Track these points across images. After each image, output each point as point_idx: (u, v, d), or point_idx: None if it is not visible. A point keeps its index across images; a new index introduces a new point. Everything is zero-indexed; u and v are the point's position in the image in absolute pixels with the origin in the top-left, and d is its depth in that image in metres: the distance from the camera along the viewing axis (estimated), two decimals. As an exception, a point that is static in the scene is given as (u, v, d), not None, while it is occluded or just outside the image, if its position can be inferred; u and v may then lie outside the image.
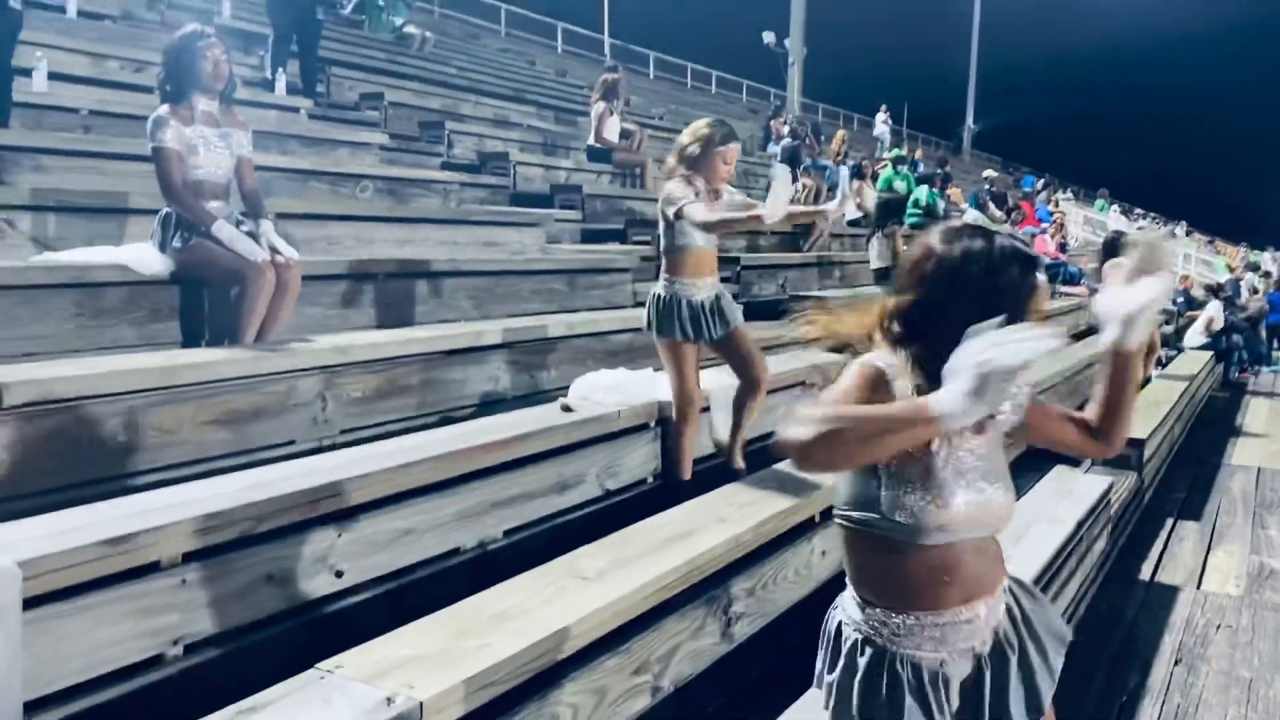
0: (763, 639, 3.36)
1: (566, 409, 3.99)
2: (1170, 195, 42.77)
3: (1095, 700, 3.77)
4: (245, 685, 2.17)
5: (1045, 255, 14.53)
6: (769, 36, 26.36)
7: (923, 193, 14.00)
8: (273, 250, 4.01)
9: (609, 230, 8.33)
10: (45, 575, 2.21)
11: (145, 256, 3.93)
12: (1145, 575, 5.22)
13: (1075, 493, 4.71)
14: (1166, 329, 12.78)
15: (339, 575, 2.88)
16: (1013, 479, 1.79)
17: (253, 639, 2.63)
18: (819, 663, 1.81)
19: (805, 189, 11.00)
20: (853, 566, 1.74)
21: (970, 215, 13.09)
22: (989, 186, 16.52)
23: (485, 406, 4.41)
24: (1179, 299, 15.96)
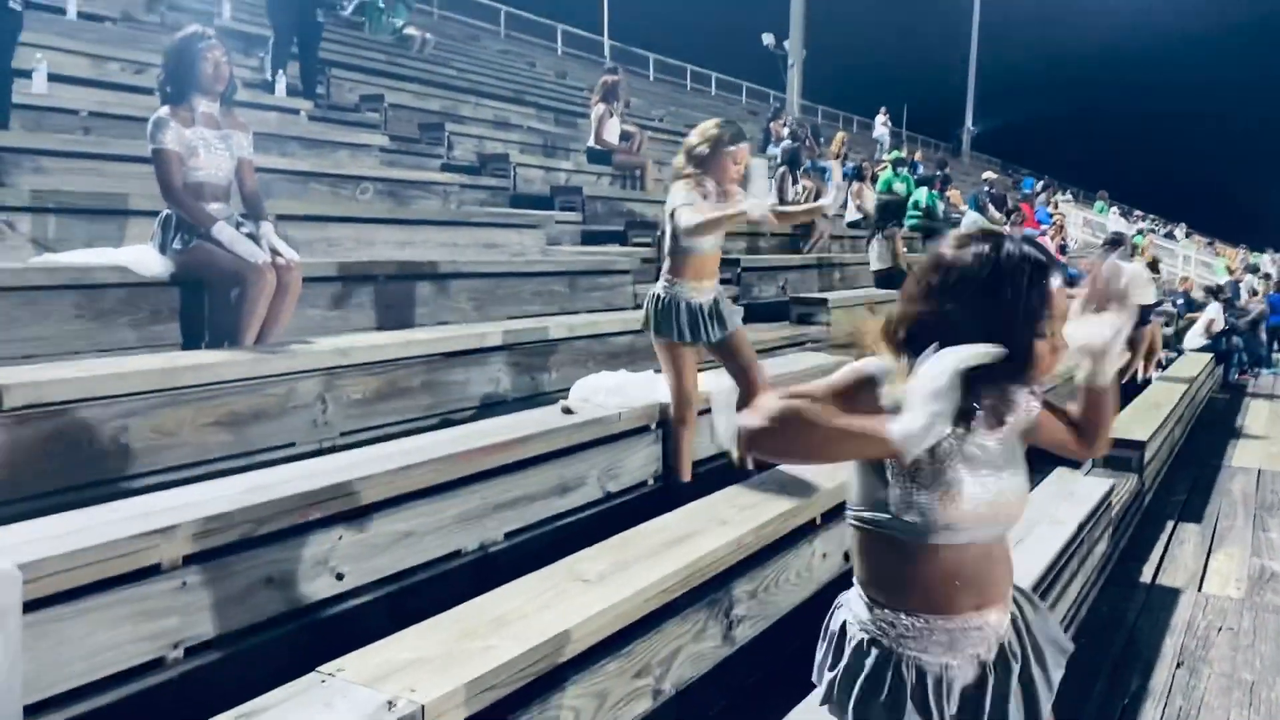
0: (764, 642, 3.35)
1: (567, 411, 3.99)
2: (1169, 197, 42.80)
3: (1097, 703, 3.77)
4: (246, 688, 2.16)
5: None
6: (768, 38, 26.35)
7: (922, 195, 14.01)
8: (273, 252, 4.00)
9: (609, 232, 8.33)
10: (45, 578, 2.20)
11: (145, 258, 3.92)
12: (1146, 578, 5.21)
13: (1076, 495, 4.71)
14: (1167, 331, 12.78)
15: (340, 578, 2.87)
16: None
17: (253, 642, 2.63)
18: (819, 656, 1.80)
19: (805, 191, 11.00)
20: (863, 566, 1.72)
21: (970, 217, 13.11)
22: (988, 188, 16.53)
23: (486, 408, 4.40)
24: (1179, 301, 15.98)
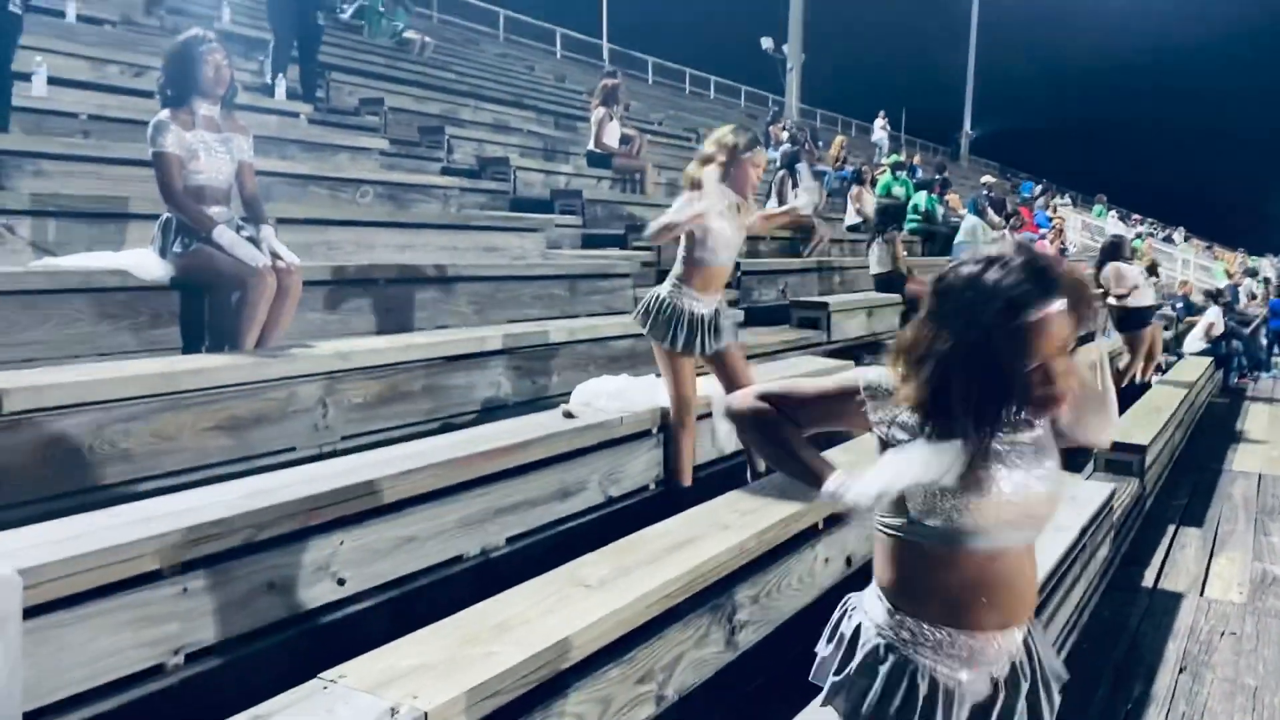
0: (766, 647, 3.34)
1: (569, 415, 3.97)
2: (1168, 200, 42.83)
3: (1100, 708, 3.76)
4: (247, 695, 2.15)
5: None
6: (767, 42, 26.39)
7: (921, 199, 14.03)
8: (273, 255, 4.00)
9: (609, 235, 8.31)
10: (45, 584, 2.19)
11: (146, 262, 3.92)
12: (1148, 582, 5.21)
13: (1078, 499, 4.70)
14: (1166, 335, 12.77)
15: (341, 583, 2.86)
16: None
17: (254, 648, 2.61)
18: (825, 656, 1.78)
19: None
20: (886, 570, 1.69)
21: (969, 221, 13.11)
22: (987, 192, 16.52)
23: (487, 413, 4.39)
24: (1178, 305, 15.98)
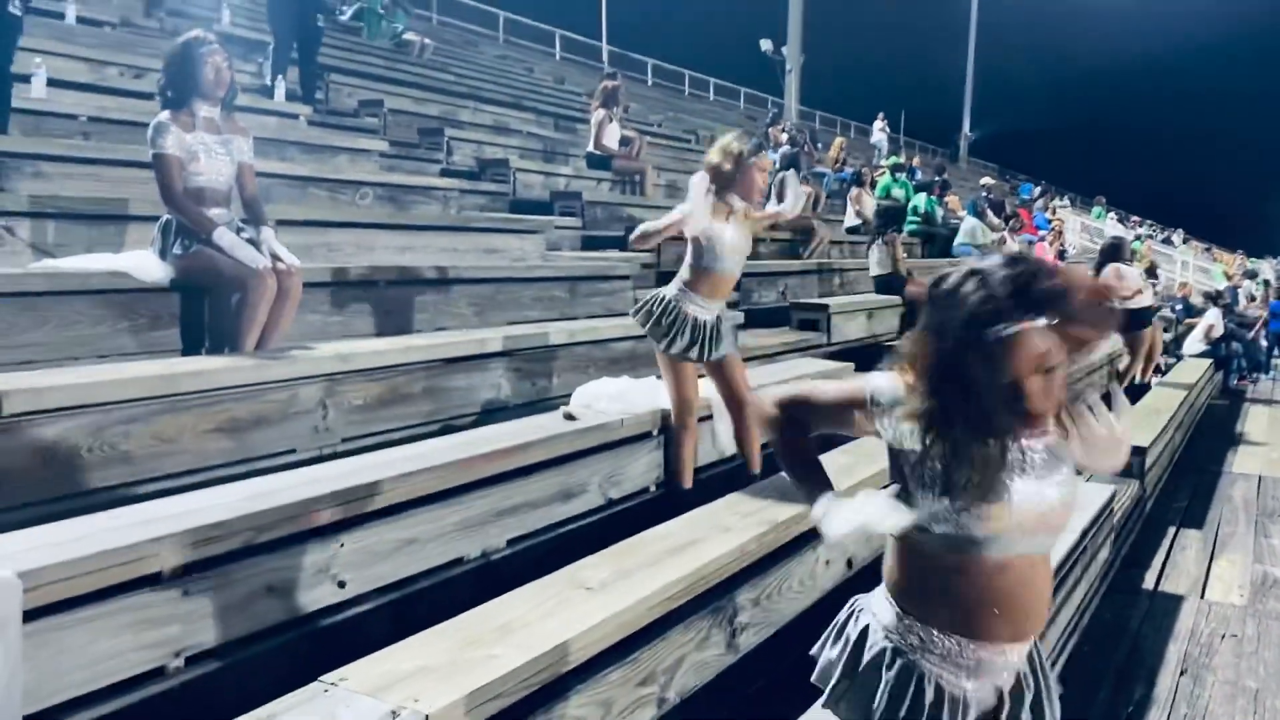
0: (767, 649, 3.34)
1: (569, 417, 3.97)
2: (1167, 202, 42.84)
3: (1101, 711, 3.76)
4: (248, 698, 2.15)
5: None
6: (766, 44, 26.39)
7: (921, 200, 14.04)
8: (274, 257, 3.99)
9: (609, 237, 8.30)
10: (45, 586, 2.18)
11: (145, 263, 3.91)
12: (1149, 584, 5.20)
13: (1078, 501, 4.69)
14: (1166, 336, 12.78)
15: (341, 586, 2.85)
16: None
17: (255, 650, 2.60)
18: (829, 657, 1.77)
19: (806, 196, 10.98)
20: (898, 574, 1.69)
21: (968, 223, 13.12)
22: (987, 194, 16.53)
23: (487, 415, 4.38)
24: (1178, 306, 15.99)
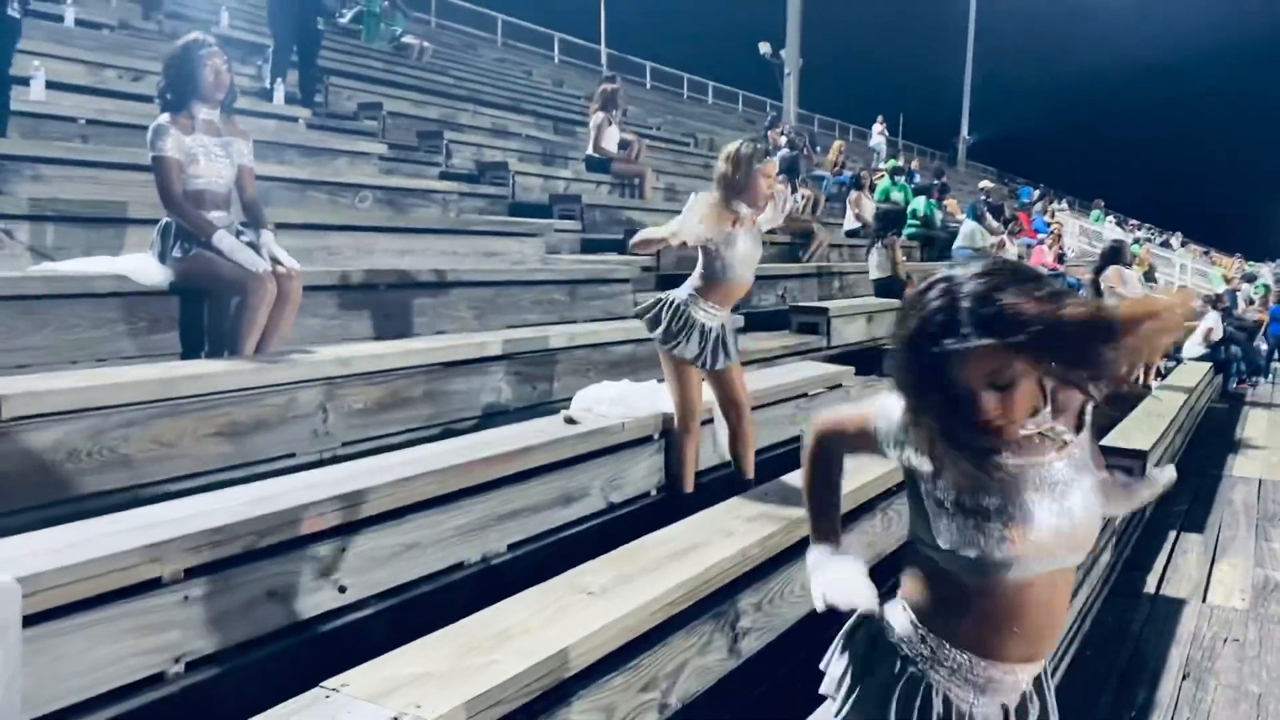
0: (770, 654, 3.33)
1: (570, 421, 3.96)
2: (1165, 206, 42.92)
3: (1103, 715, 3.73)
4: (248, 704, 2.14)
5: (1043, 266, 14.56)
6: (765, 47, 26.37)
7: (920, 203, 14.04)
8: (273, 260, 3.98)
9: (608, 240, 8.30)
10: (44, 592, 2.17)
11: (145, 267, 3.90)
12: (1150, 588, 5.18)
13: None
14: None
15: (342, 590, 2.84)
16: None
17: (255, 656, 2.59)
18: (839, 666, 1.76)
19: (805, 199, 11.00)
20: (915, 586, 1.66)
21: (968, 227, 13.12)
22: (985, 197, 16.55)
23: (487, 418, 4.37)
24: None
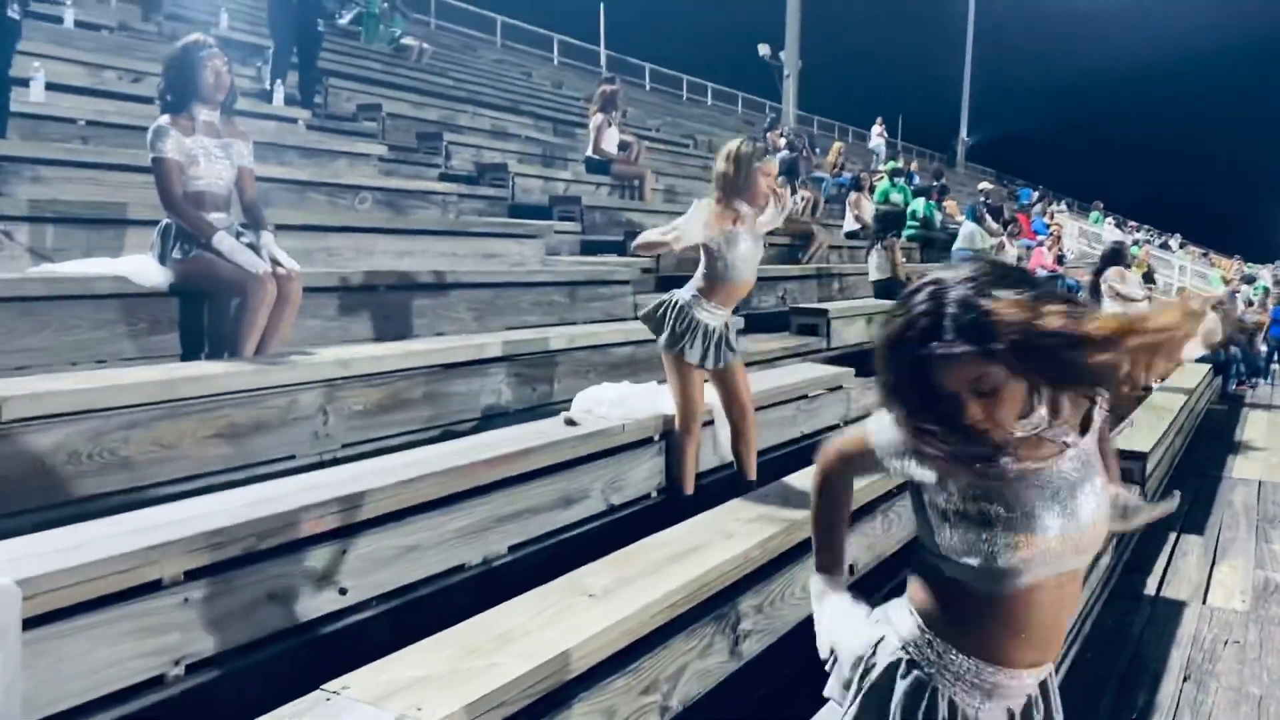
0: (771, 656, 3.32)
1: (570, 423, 3.96)
2: (1164, 207, 42.95)
3: (1104, 717, 3.74)
4: (248, 706, 2.13)
5: (1042, 268, 14.56)
6: (764, 49, 26.38)
7: (920, 205, 14.04)
8: (273, 262, 3.97)
9: (608, 242, 8.30)
10: (44, 594, 2.17)
11: (145, 268, 3.89)
12: (1150, 590, 5.18)
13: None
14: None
15: (343, 593, 2.83)
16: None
17: (256, 658, 2.58)
18: (842, 665, 1.77)
19: (805, 201, 11.00)
20: (922, 591, 1.65)
21: (967, 228, 13.12)
22: (985, 199, 16.54)
23: (487, 420, 4.37)
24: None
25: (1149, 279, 14.64)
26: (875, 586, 3.76)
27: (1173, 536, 6.12)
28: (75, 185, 5.05)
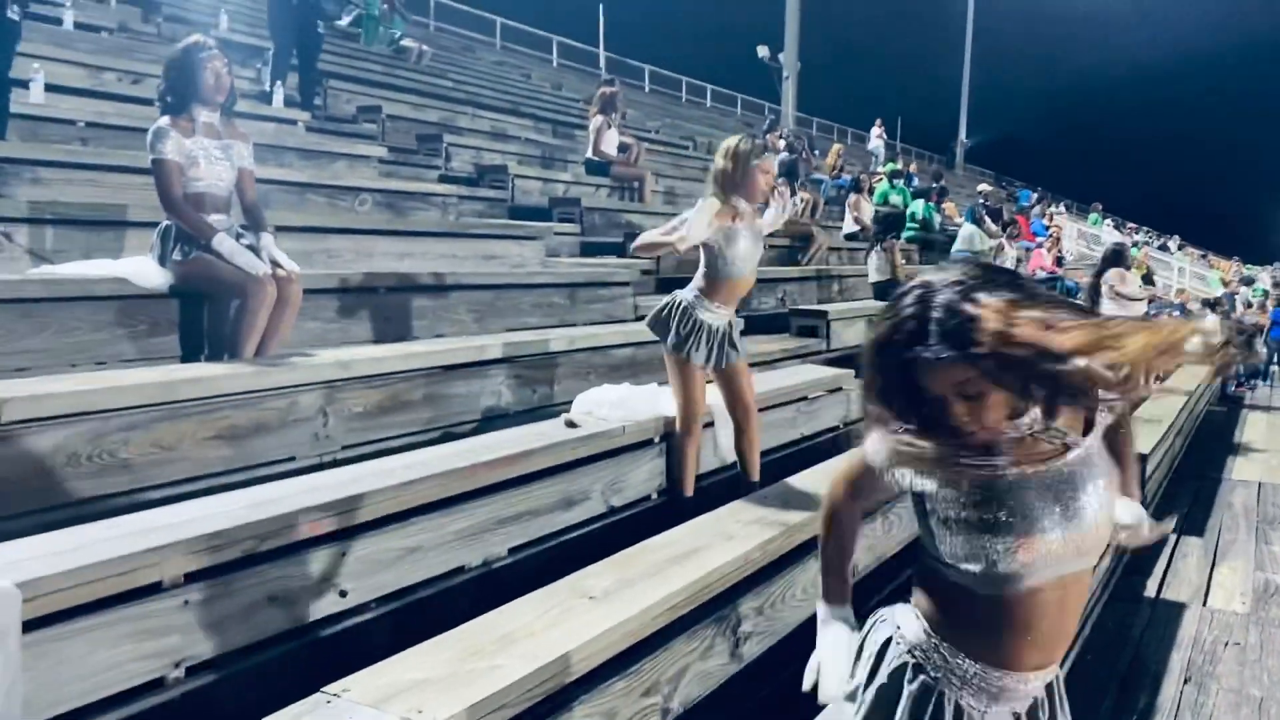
0: (771, 658, 3.32)
1: (571, 424, 3.95)
2: (1162, 209, 42.95)
3: (1105, 719, 3.73)
4: (249, 709, 2.13)
5: (1042, 269, 14.57)
6: (763, 51, 26.38)
7: (919, 207, 14.05)
8: (273, 264, 3.97)
9: (608, 243, 8.30)
10: (44, 597, 2.16)
11: (144, 270, 3.89)
12: (1150, 592, 5.18)
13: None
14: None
15: (343, 595, 2.83)
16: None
17: (256, 661, 2.58)
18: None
19: (804, 202, 11.00)
20: (927, 595, 1.65)
21: (966, 230, 13.12)
22: (984, 201, 16.54)
23: (487, 422, 4.37)
24: (1175, 313, 16.01)
25: (1148, 280, 14.63)
26: (875, 587, 3.77)
27: (1172, 538, 6.12)
28: (75, 187, 5.04)
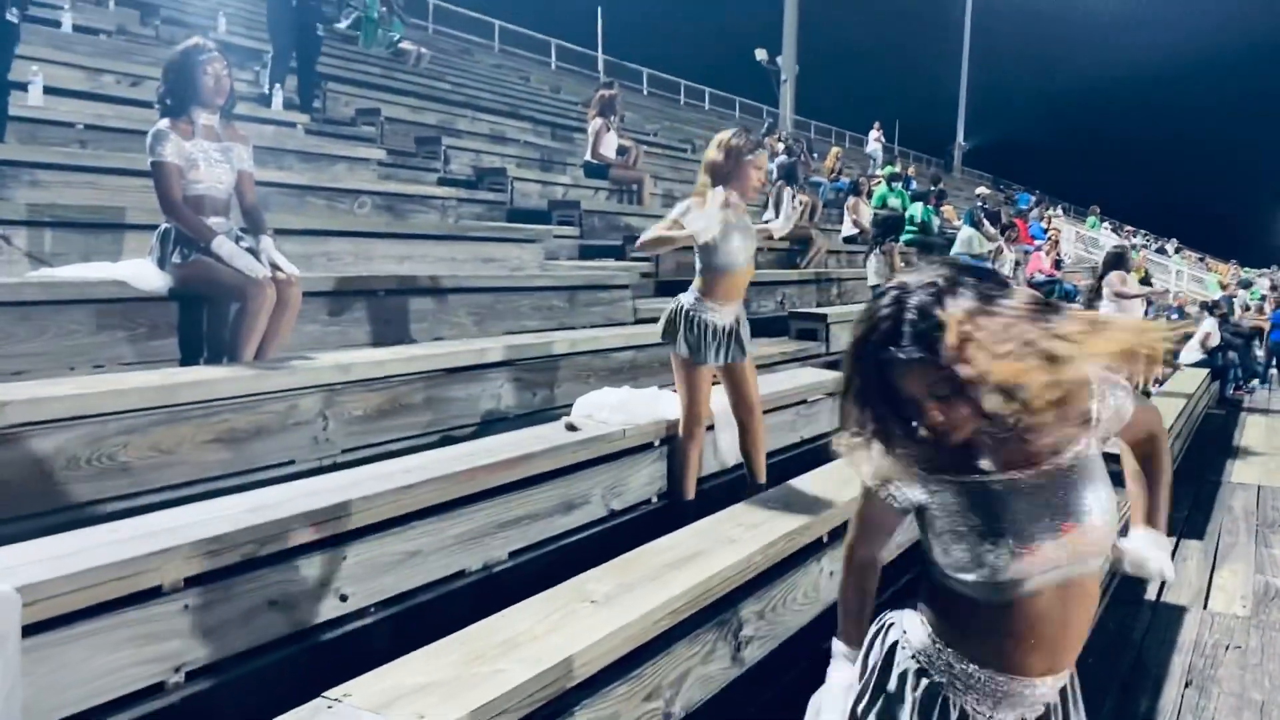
0: (773, 662, 3.31)
1: (571, 428, 3.94)
2: (1160, 212, 43.06)
3: (1107, 723, 3.73)
4: (249, 714, 2.12)
5: (1040, 272, 14.58)
6: (762, 54, 26.43)
7: (917, 210, 14.05)
8: (273, 266, 3.96)
9: (607, 246, 8.30)
10: (44, 601, 2.15)
11: (144, 272, 3.88)
12: (1151, 595, 5.17)
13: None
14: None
15: (344, 599, 2.82)
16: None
17: (256, 665, 2.57)
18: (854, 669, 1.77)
19: (803, 205, 11.01)
20: (932, 602, 1.65)
21: (965, 233, 13.13)
22: (982, 204, 16.55)
23: (487, 425, 4.36)
24: (1173, 315, 16.03)
25: (1146, 283, 14.64)
26: (879, 589, 3.75)
27: (1172, 541, 6.12)
28: (74, 189, 5.03)
